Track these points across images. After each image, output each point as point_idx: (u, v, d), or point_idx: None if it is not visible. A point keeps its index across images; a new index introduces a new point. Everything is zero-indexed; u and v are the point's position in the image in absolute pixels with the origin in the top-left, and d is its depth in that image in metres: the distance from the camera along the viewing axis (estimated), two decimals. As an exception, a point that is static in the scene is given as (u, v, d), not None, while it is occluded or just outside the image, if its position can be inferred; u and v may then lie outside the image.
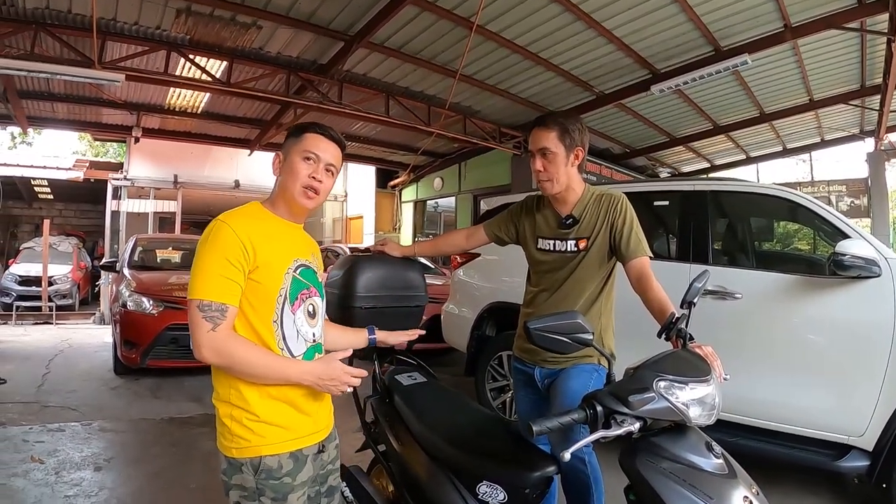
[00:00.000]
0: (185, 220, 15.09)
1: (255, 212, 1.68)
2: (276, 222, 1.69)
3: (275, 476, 1.55)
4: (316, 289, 1.72)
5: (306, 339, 1.66)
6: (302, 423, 1.63)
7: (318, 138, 1.69)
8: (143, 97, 9.81)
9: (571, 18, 6.58)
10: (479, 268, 5.32)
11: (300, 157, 1.66)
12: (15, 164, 14.62)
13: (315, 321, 1.70)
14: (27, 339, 9.41)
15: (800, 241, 11.29)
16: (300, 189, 1.65)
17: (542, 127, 2.28)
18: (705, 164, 14.62)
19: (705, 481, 1.37)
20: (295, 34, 7.13)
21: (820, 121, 11.13)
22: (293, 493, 1.57)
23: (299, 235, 1.77)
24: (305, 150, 1.66)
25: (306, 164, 1.66)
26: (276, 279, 1.59)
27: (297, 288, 1.64)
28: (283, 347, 1.60)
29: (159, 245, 8.85)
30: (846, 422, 3.16)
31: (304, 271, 1.68)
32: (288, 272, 1.62)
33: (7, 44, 6.41)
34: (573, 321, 1.60)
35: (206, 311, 1.48)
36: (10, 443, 4.26)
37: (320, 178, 1.67)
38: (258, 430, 1.55)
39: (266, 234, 1.60)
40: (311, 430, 1.66)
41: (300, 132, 1.70)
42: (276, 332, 1.59)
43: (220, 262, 1.50)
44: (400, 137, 12.06)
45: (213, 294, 1.49)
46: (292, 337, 1.62)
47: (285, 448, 1.58)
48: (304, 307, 1.66)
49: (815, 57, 7.91)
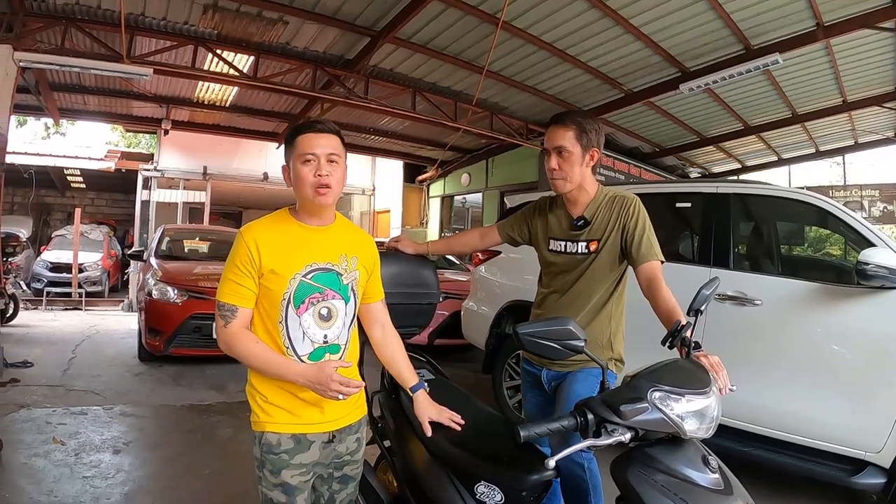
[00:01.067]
0: (214, 211, 15.32)
1: (278, 218, 1.80)
2: (297, 228, 1.77)
3: (273, 451, 1.70)
4: (335, 292, 1.76)
5: (314, 341, 1.73)
6: (307, 412, 1.73)
7: (309, 137, 1.73)
8: (171, 90, 9.96)
9: (598, 15, 6.50)
10: (501, 265, 5.30)
11: (300, 162, 1.72)
12: (48, 154, 14.98)
13: (330, 323, 1.75)
14: (56, 324, 9.62)
15: (831, 246, 11.03)
16: (312, 191, 1.70)
17: (559, 125, 2.25)
18: (736, 166, 14.32)
19: (699, 497, 1.34)
20: (321, 29, 7.17)
21: (854, 123, 10.82)
22: (287, 470, 1.70)
23: (326, 238, 1.80)
24: (301, 154, 1.72)
25: (308, 166, 1.71)
26: (281, 284, 1.69)
27: (304, 292, 1.71)
28: (288, 346, 1.71)
29: (186, 235, 8.99)
30: (863, 437, 3.07)
31: (320, 275, 1.74)
32: (295, 277, 1.70)
33: (38, 39, 6.56)
34: (564, 327, 1.57)
35: (221, 310, 1.69)
36: (34, 424, 4.39)
37: (326, 172, 1.71)
38: (267, 409, 1.73)
39: (279, 242, 1.72)
40: (319, 420, 1.75)
41: (292, 138, 1.76)
42: (282, 332, 1.71)
43: (231, 268, 1.70)
44: (427, 133, 12.05)
45: (224, 296, 1.70)
46: (297, 338, 1.71)
47: (288, 429, 1.71)
48: (315, 310, 1.73)
49: (848, 57, 7.67)
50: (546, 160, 2.29)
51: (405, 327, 2.56)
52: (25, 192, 16.56)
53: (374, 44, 7.17)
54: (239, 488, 3.42)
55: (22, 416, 4.53)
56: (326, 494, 1.86)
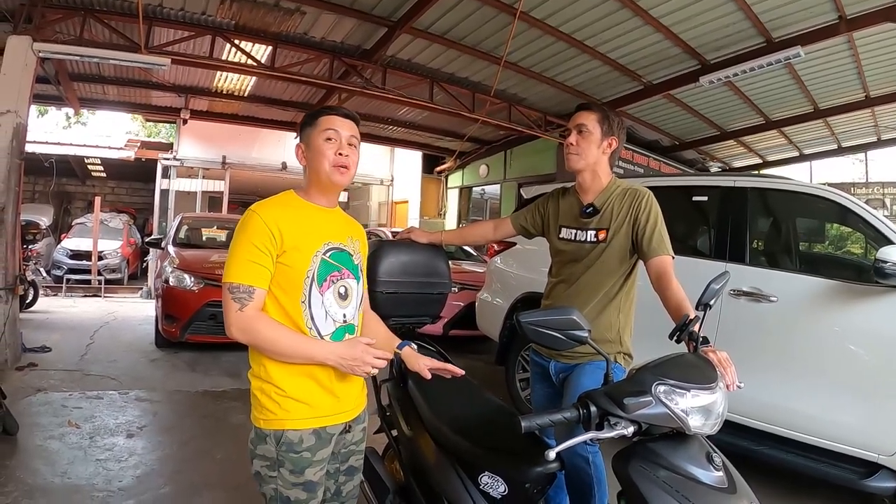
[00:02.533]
0: (233, 200, 15.42)
1: (288, 200, 1.77)
2: (309, 208, 1.76)
3: (295, 450, 1.64)
4: (349, 271, 1.78)
5: (335, 320, 1.72)
6: (327, 402, 1.70)
7: (333, 118, 1.75)
8: (190, 80, 10.02)
9: (617, 6, 6.42)
10: (516, 256, 5.29)
11: (322, 138, 1.73)
12: (69, 143, 15.14)
13: (347, 302, 1.76)
14: (75, 310, 9.77)
15: (852, 244, 10.84)
16: (331, 167, 1.72)
17: (584, 109, 2.34)
18: (757, 160, 14.09)
19: (701, 494, 1.32)
20: (338, 20, 7.17)
21: (877, 119, 10.56)
22: (311, 468, 1.65)
23: (335, 219, 1.82)
24: (325, 129, 1.73)
25: (329, 143, 1.73)
26: (304, 261, 1.66)
27: (325, 270, 1.70)
28: (311, 327, 1.67)
29: (204, 224, 9.08)
30: (877, 439, 3.01)
31: (336, 254, 1.74)
32: (317, 255, 1.69)
33: (57, 29, 6.61)
34: (567, 317, 1.54)
35: (235, 292, 1.60)
36: (50, 407, 4.47)
37: (346, 153, 1.74)
38: (284, 404, 1.65)
39: (296, 220, 1.69)
40: (337, 410, 1.73)
41: (314, 118, 1.77)
42: (305, 312, 1.66)
43: (248, 248, 1.62)
44: (446, 123, 12.02)
45: (240, 277, 1.61)
46: (320, 317, 1.69)
47: (308, 424, 1.66)
48: (335, 289, 1.72)
49: (871, 51, 7.48)
50: (566, 140, 2.35)
51: (416, 316, 2.58)
52: (46, 181, 16.76)
53: (392, 34, 7.16)
54: (248, 474, 3.45)
55: (39, 400, 4.63)
56: (333, 488, 1.84)
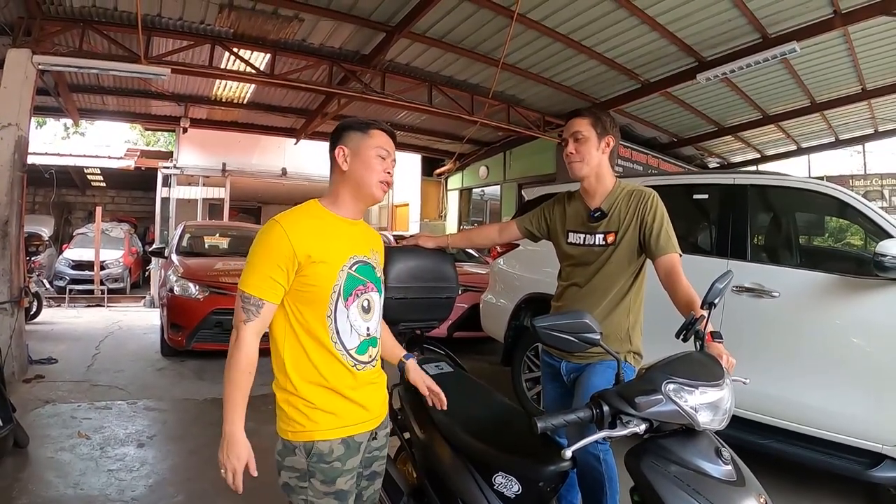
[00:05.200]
0: (233, 207, 15.46)
1: (313, 211, 1.75)
2: (335, 220, 1.75)
3: (326, 460, 1.63)
4: (373, 283, 1.78)
5: (360, 333, 1.72)
6: (353, 412, 1.70)
7: (385, 136, 1.79)
8: (189, 89, 10.07)
9: (614, 6, 6.46)
10: (519, 258, 5.32)
11: (374, 153, 1.74)
12: (69, 153, 15.18)
13: (370, 315, 1.76)
14: (79, 321, 9.80)
15: (852, 236, 10.85)
16: (377, 183, 1.74)
17: (575, 116, 2.38)
18: (755, 155, 14.16)
19: (711, 488, 1.36)
20: (337, 26, 7.21)
21: (874, 111, 10.62)
22: (342, 477, 1.65)
23: (359, 231, 1.81)
24: (379, 146, 1.75)
25: (381, 160, 1.75)
26: (331, 276, 1.65)
27: (351, 284, 1.70)
28: (336, 341, 1.67)
29: (207, 231, 9.10)
30: (881, 430, 3.04)
31: (361, 267, 1.74)
32: (343, 269, 1.68)
33: (56, 42, 6.65)
34: (580, 320, 1.60)
35: (245, 302, 1.61)
36: (59, 419, 4.49)
37: (391, 173, 1.78)
38: (312, 416, 1.65)
39: (323, 233, 1.68)
40: (364, 419, 1.73)
41: (366, 127, 1.78)
42: (330, 327, 1.66)
43: (266, 261, 1.61)
44: (445, 126, 12.07)
45: (251, 287, 1.61)
46: (345, 331, 1.69)
47: (337, 434, 1.66)
48: (359, 302, 1.72)
49: (867, 44, 7.53)
50: (564, 151, 2.37)
51: (424, 321, 2.61)
52: (46, 192, 16.79)
53: (390, 39, 7.19)
54: (258, 481, 3.48)
55: (48, 412, 4.64)
56: (355, 492, 1.81)
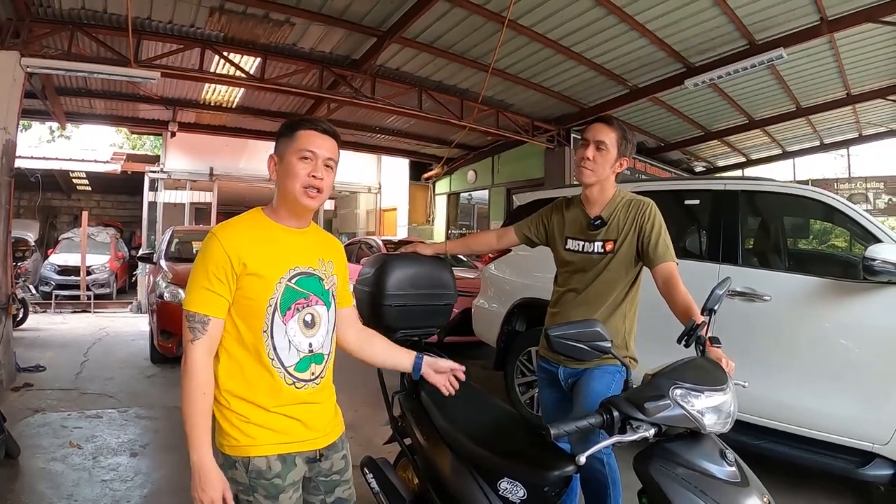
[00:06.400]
0: (220, 211, 15.37)
1: (253, 220, 1.68)
2: (275, 229, 1.67)
3: (265, 476, 1.57)
4: (318, 297, 1.68)
5: (299, 350, 1.63)
6: (291, 428, 1.62)
7: (312, 134, 1.65)
8: (178, 93, 9.99)
9: (604, 12, 6.51)
10: (511, 263, 5.36)
11: (296, 156, 1.62)
12: (54, 157, 15.01)
13: (314, 331, 1.67)
14: (66, 327, 9.70)
15: (836, 237, 11.00)
16: (301, 189, 1.62)
17: (606, 124, 2.37)
18: (741, 159, 14.31)
19: (717, 489, 1.40)
20: (328, 30, 7.19)
21: (858, 116, 10.79)
22: (284, 493, 1.59)
23: (304, 241, 1.72)
24: (301, 148, 1.63)
25: (304, 163, 1.63)
26: (266, 289, 1.58)
27: (290, 297, 1.62)
28: (274, 357, 1.59)
29: (195, 237, 9.02)
30: (871, 429, 3.11)
31: (303, 279, 1.65)
32: (280, 281, 1.60)
33: (45, 44, 6.58)
34: (592, 329, 1.64)
35: (191, 321, 1.54)
36: (50, 428, 4.43)
37: (321, 176, 1.63)
38: (247, 430, 1.57)
39: (260, 244, 1.61)
40: (305, 437, 1.65)
41: (292, 130, 1.66)
42: (266, 342, 1.59)
43: (205, 275, 1.55)
44: (433, 130, 12.07)
45: (194, 305, 1.54)
46: (283, 348, 1.60)
47: (273, 451, 1.59)
48: (300, 317, 1.63)
49: (852, 51, 7.66)
50: (581, 150, 2.38)
51: (423, 328, 2.63)
52: (31, 196, 16.63)
53: (381, 44, 7.19)
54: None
55: (37, 421, 4.58)
56: None
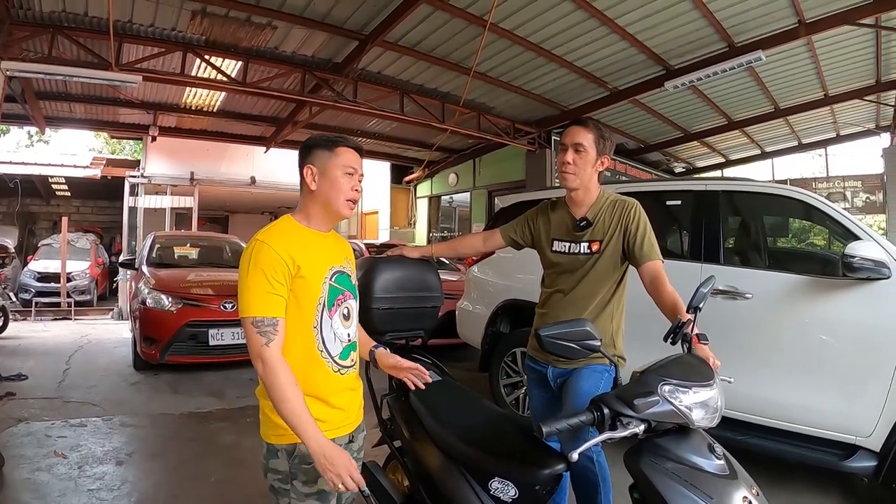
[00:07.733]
0: (201, 216, 15.26)
1: (289, 227, 1.79)
2: (309, 234, 1.80)
3: (307, 461, 1.64)
4: (350, 292, 1.86)
5: (342, 340, 1.80)
6: (333, 416, 1.75)
7: (352, 153, 1.81)
8: (159, 97, 9.90)
9: (584, 16, 6.59)
10: (494, 265, 5.37)
11: (341, 171, 1.78)
12: (33, 162, 14.78)
13: (350, 322, 1.84)
14: (47, 335, 9.54)
15: (815, 235, 11.18)
16: (345, 202, 1.79)
17: (581, 126, 2.38)
18: (720, 159, 14.52)
19: (707, 482, 1.43)
20: (310, 34, 7.19)
21: (835, 116, 11.03)
22: (321, 478, 1.64)
23: (331, 243, 1.87)
24: (346, 165, 1.79)
25: (347, 178, 1.79)
26: (315, 289, 1.72)
27: (333, 294, 1.77)
28: (322, 349, 1.74)
29: (177, 242, 8.97)
30: (854, 422, 3.18)
31: (339, 277, 1.81)
32: (325, 281, 1.75)
33: (25, 47, 6.51)
34: (582, 328, 1.68)
35: (259, 326, 1.60)
36: (34, 438, 4.36)
37: (359, 189, 1.83)
38: None
39: (303, 248, 1.72)
40: (343, 423, 1.79)
41: (333, 145, 1.80)
42: (317, 337, 1.73)
43: (264, 280, 1.63)
44: (414, 134, 12.08)
45: (263, 310, 1.62)
46: (330, 340, 1.76)
47: None
48: (340, 311, 1.79)
49: (829, 52, 7.84)
50: (560, 155, 2.40)
51: (409, 330, 2.65)
52: (10, 202, 16.40)
53: (363, 47, 7.20)
54: (244, 495, 3.46)
55: (21, 431, 4.50)
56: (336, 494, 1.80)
